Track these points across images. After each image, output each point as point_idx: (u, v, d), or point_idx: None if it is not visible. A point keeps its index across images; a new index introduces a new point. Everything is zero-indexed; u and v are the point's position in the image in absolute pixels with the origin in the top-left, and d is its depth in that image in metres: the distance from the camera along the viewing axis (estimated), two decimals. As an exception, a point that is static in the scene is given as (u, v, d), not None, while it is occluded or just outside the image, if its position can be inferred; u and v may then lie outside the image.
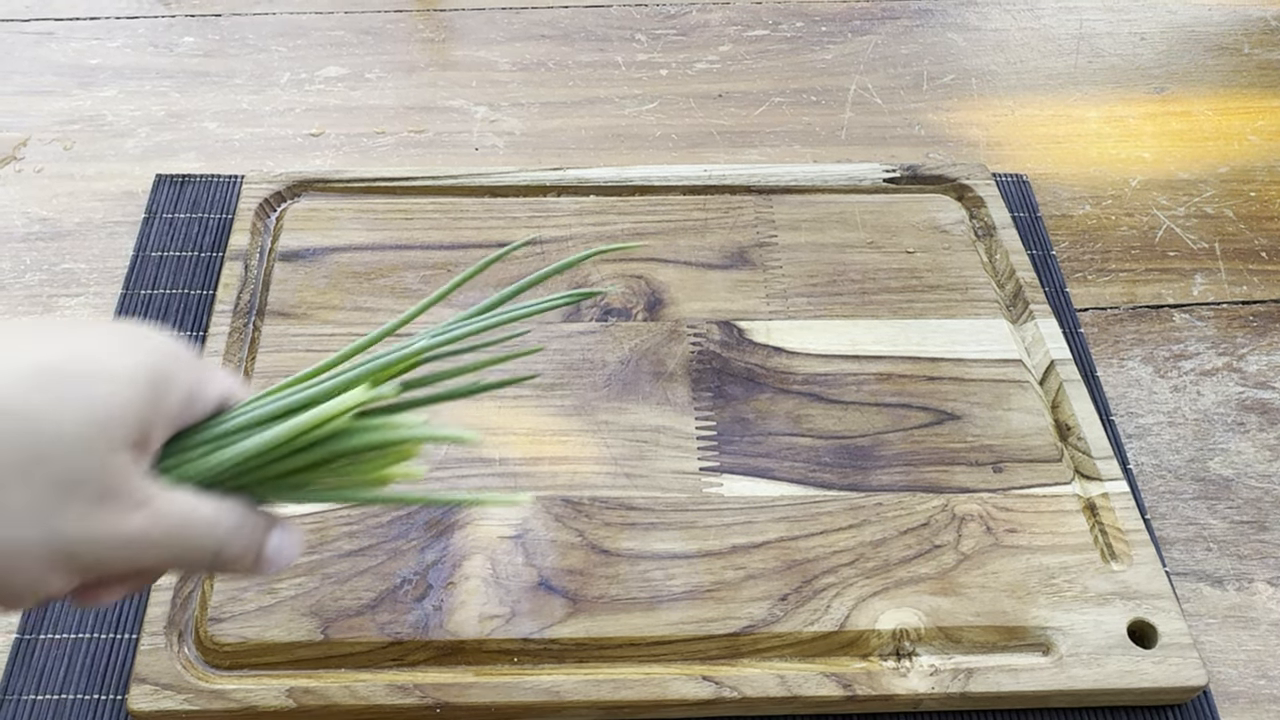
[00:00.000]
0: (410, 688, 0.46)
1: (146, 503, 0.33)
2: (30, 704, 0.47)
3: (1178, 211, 0.71)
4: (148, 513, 0.33)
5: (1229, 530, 0.55)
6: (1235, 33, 0.85)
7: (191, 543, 0.34)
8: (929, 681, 0.47)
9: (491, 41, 0.83)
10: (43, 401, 0.31)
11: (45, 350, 0.32)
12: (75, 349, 0.32)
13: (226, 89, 0.77)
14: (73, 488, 0.31)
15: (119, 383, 0.32)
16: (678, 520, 0.51)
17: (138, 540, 0.33)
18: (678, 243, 0.64)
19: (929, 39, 0.84)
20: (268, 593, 0.48)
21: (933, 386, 0.57)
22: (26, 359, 0.31)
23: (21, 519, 0.31)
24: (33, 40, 0.80)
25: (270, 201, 0.64)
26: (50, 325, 0.34)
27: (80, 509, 0.31)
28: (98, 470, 0.31)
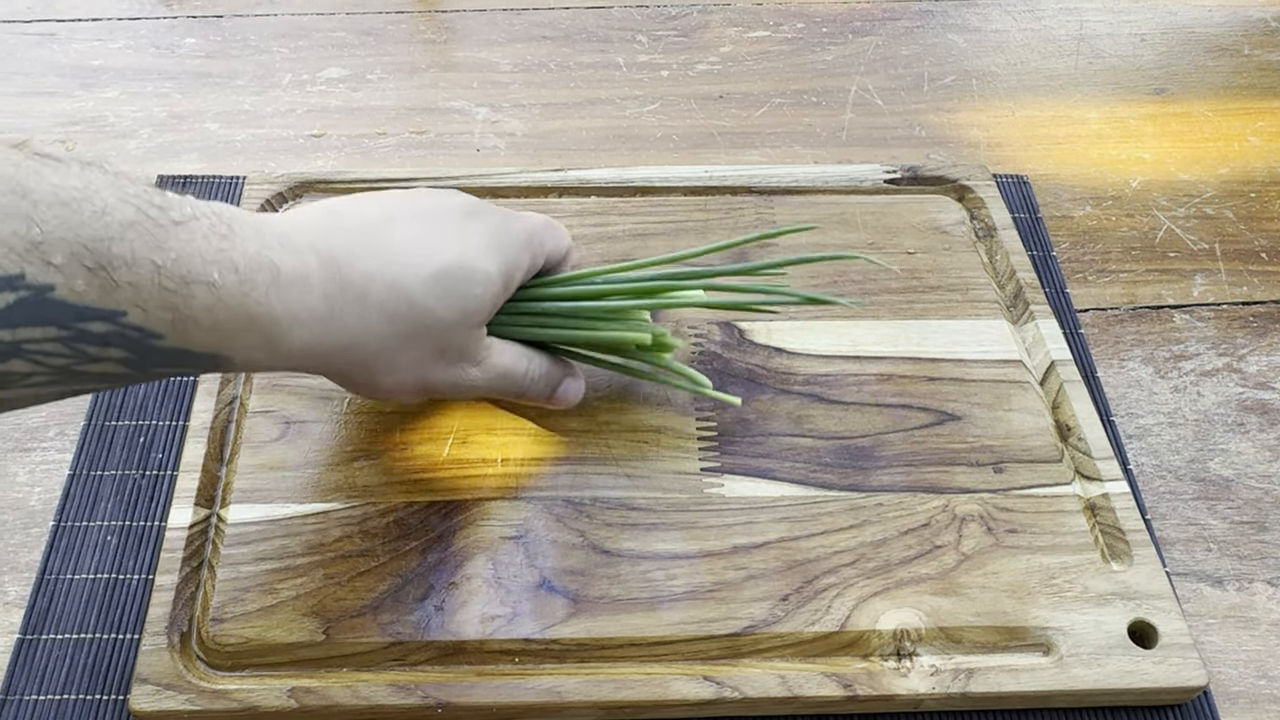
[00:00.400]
0: (412, 688, 0.46)
1: (483, 361, 0.48)
2: (32, 704, 0.47)
3: (1178, 212, 0.71)
4: (484, 368, 0.49)
5: (1229, 531, 0.55)
6: (1235, 34, 0.86)
7: (507, 386, 0.50)
8: (930, 682, 0.47)
9: (493, 43, 0.83)
10: (433, 296, 0.45)
11: (441, 257, 0.45)
12: (460, 257, 0.46)
13: (228, 90, 0.77)
14: (441, 353, 0.47)
15: (483, 284, 0.46)
16: (679, 521, 0.51)
17: (473, 384, 0.49)
18: (679, 243, 0.64)
19: (929, 40, 0.84)
20: (269, 593, 0.48)
21: (933, 387, 0.57)
22: (429, 265, 0.45)
23: (408, 369, 0.46)
24: (35, 41, 0.80)
25: (272, 202, 0.64)
26: (450, 231, 0.46)
27: (442, 365, 0.47)
28: (459, 343, 0.47)
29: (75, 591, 0.50)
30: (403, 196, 0.48)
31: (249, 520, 0.50)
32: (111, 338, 0.36)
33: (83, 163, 0.35)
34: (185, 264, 0.36)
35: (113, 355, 0.36)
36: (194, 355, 0.39)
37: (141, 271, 0.35)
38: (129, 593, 0.50)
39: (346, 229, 0.44)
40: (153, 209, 0.36)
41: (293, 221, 0.43)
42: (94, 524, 0.52)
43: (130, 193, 0.36)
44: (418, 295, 0.44)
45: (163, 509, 0.53)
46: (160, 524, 0.52)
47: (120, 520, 0.52)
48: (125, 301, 0.35)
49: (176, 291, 0.36)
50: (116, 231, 0.34)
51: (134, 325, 0.36)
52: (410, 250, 0.45)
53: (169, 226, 0.36)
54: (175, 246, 0.36)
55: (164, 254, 0.36)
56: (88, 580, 0.51)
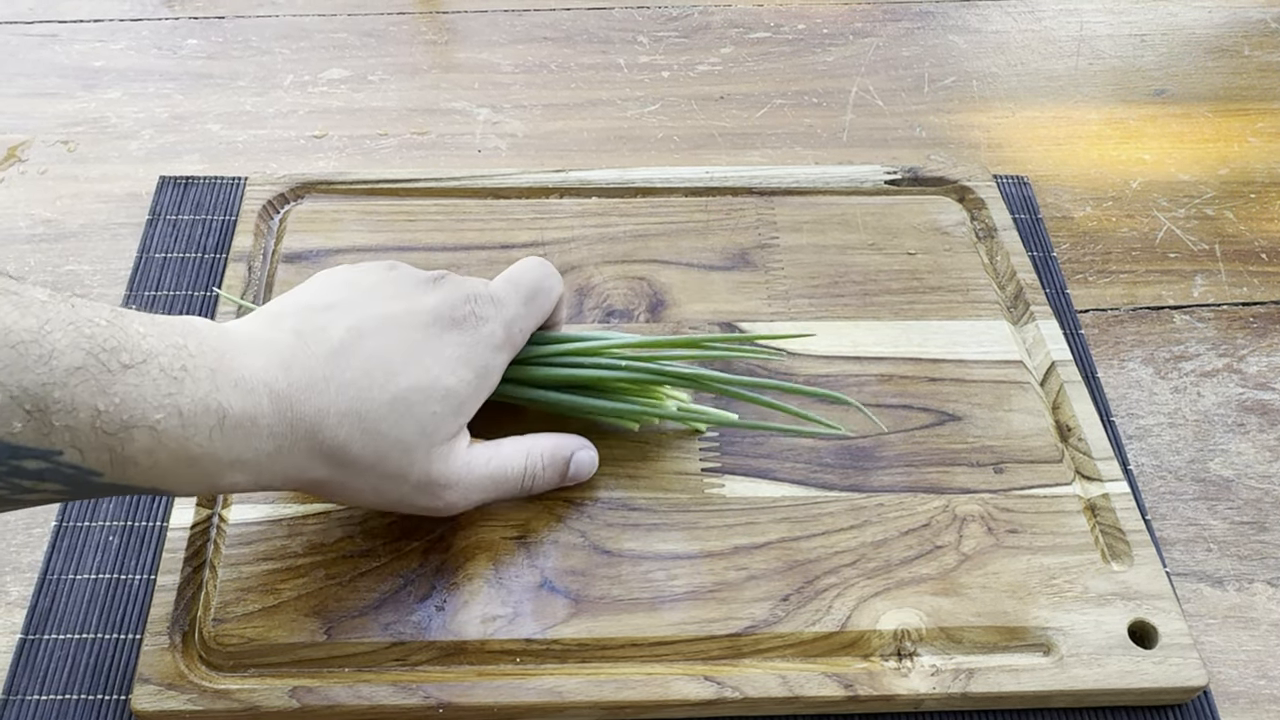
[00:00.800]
0: (413, 688, 0.46)
1: (458, 483, 0.46)
2: (34, 704, 0.47)
3: (1178, 213, 0.71)
4: (458, 492, 0.46)
5: (1229, 531, 0.55)
6: (1235, 35, 0.86)
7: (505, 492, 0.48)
8: (930, 682, 0.47)
9: (494, 44, 0.83)
10: (386, 419, 0.43)
11: (401, 380, 0.43)
12: (417, 379, 0.44)
13: (230, 91, 0.77)
14: (399, 478, 0.44)
15: (442, 400, 0.44)
16: (680, 521, 0.51)
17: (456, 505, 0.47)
18: (680, 244, 0.64)
19: (930, 41, 0.84)
20: (271, 593, 0.48)
21: (934, 388, 0.57)
22: (388, 388, 0.43)
23: (365, 492, 0.45)
24: (37, 42, 0.80)
25: (274, 203, 0.65)
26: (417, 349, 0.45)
27: (405, 490, 0.45)
28: (421, 470, 0.44)
29: (77, 591, 0.50)
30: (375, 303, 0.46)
31: (250, 520, 0.51)
32: (47, 474, 0.36)
33: (49, 293, 0.36)
34: (128, 409, 0.36)
35: (49, 488, 0.37)
36: (132, 489, 0.39)
37: (81, 416, 0.35)
38: (131, 593, 0.50)
39: (309, 358, 0.42)
40: (104, 353, 0.36)
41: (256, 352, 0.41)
42: (96, 524, 0.52)
43: (85, 334, 0.36)
44: (370, 422, 0.43)
45: (164, 509, 0.53)
46: (162, 524, 0.52)
47: (122, 520, 0.53)
48: (61, 443, 0.35)
49: (115, 435, 0.36)
50: (60, 377, 0.35)
51: (70, 464, 0.36)
52: (369, 374, 0.43)
53: (117, 371, 0.36)
54: (120, 391, 0.36)
55: (107, 399, 0.36)
56: (90, 580, 0.51)
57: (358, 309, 0.45)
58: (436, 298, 0.46)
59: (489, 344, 0.47)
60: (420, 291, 0.47)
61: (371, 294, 0.46)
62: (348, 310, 0.45)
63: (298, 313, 0.45)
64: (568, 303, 0.60)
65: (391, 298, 0.46)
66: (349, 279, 0.47)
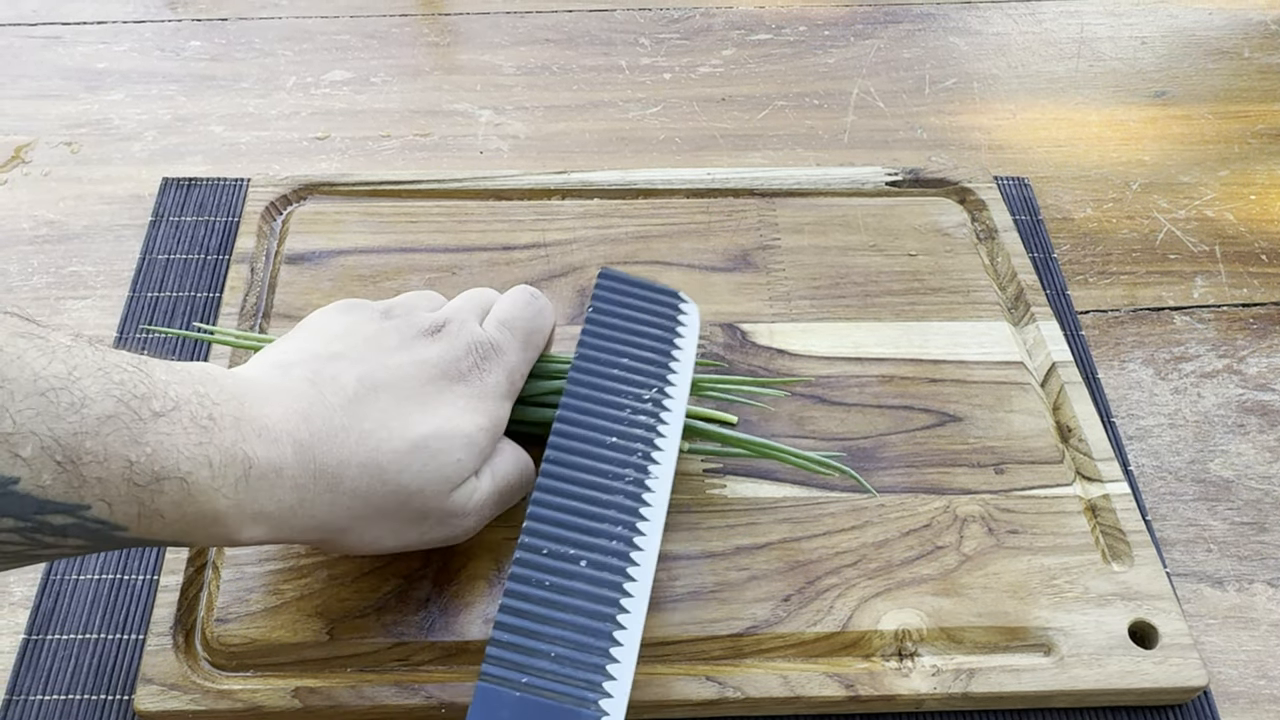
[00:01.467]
0: (415, 688, 0.46)
1: (474, 511, 0.46)
2: (37, 704, 0.47)
3: (1178, 214, 0.71)
4: (475, 518, 0.46)
5: (1229, 531, 0.55)
6: (1235, 37, 0.86)
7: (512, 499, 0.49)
8: (931, 682, 0.47)
9: (496, 45, 0.83)
10: (409, 470, 0.42)
11: (419, 428, 0.43)
12: (440, 426, 0.44)
13: (233, 93, 0.77)
14: (420, 520, 0.44)
15: (465, 448, 0.44)
16: (681, 522, 0.51)
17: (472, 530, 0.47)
18: (681, 245, 0.64)
19: (931, 43, 0.85)
20: (273, 593, 0.48)
21: (935, 388, 0.57)
22: (406, 437, 0.43)
23: (385, 537, 0.44)
24: (40, 44, 0.81)
25: (276, 205, 0.65)
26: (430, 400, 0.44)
27: (427, 526, 0.45)
28: (438, 508, 0.44)
29: (80, 592, 0.50)
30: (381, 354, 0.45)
31: (253, 521, 0.51)
32: (71, 530, 0.35)
33: (72, 337, 0.35)
34: (159, 460, 0.35)
35: (69, 544, 0.35)
36: (149, 542, 0.38)
37: (113, 468, 0.34)
38: (134, 593, 0.50)
39: (326, 409, 0.41)
40: (134, 400, 0.35)
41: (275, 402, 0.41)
42: (99, 525, 0.52)
43: (115, 380, 0.35)
44: (391, 472, 0.42)
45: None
46: (165, 525, 0.52)
47: (125, 521, 0.53)
48: (91, 496, 0.34)
49: (146, 487, 0.35)
50: (92, 426, 0.34)
51: (97, 519, 0.35)
52: (387, 424, 0.42)
53: (149, 419, 0.35)
54: (152, 441, 0.35)
55: (139, 449, 0.35)
56: (93, 581, 0.51)
57: (366, 360, 0.44)
58: (439, 349, 0.46)
59: (495, 394, 0.46)
60: (422, 343, 0.46)
61: (374, 344, 0.45)
62: (356, 361, 0.44)
63: (306, 362, 0.44)
64: (570, 303, 0.60)
65: (396, 349, 0.45)
66: (347, 326, 0.46)
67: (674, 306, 0.53)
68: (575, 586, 0.42)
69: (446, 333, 0.47)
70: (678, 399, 0.49)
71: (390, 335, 0.46)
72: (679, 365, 0.51)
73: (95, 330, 0.61)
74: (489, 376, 0.46)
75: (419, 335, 0.46)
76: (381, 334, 0.46)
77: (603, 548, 0.43)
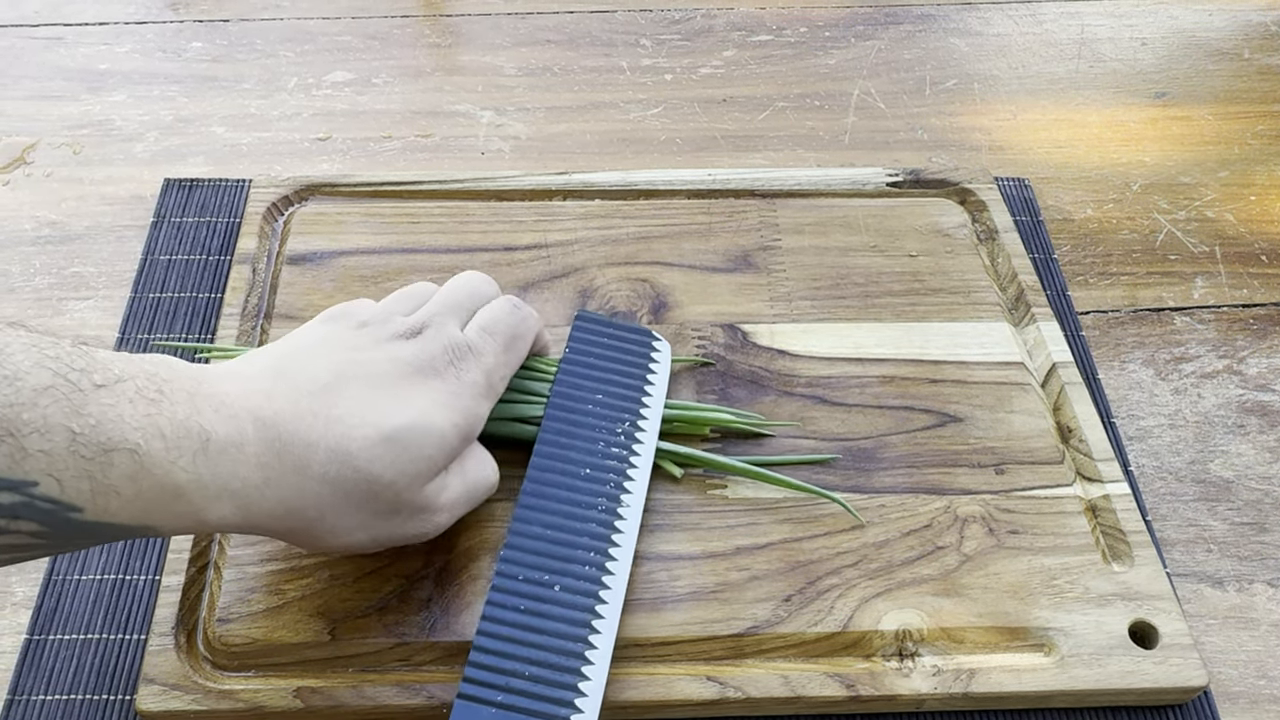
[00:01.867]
0: (417, 688, 0.46)
1: (444, 507, 0.46)
2: (40, 704, 0.47)
3: (1178, 215, 0.71)
4: (446, 514, 0.46)
5: (1229, 532, 0.55)
6: (1235, 38, 0.86)
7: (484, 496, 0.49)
8: (932, 682, 0.47)
9: (497, 46, 0.83)
10: (380, 461, 0.42)
11: (392, 420, 0.43)
12: (413, 419, 0.43)
13: (234, 94, 0.77)
14: (394, 512, 0.44)
15: (438, 445, 0.44)
16: (682, 522, 0.52)
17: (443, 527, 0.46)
18: (682, 246, 0.64)
19: (931, 44, 0.85)
20: (275, 594, 0.48)
21: (935, 389, 0.57)
22: (378, 429, 0.42)
23: (355, 530, 0.43)
24: (42, 45, 0.81)
25: (278, 205, 0.65)
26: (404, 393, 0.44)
27: (398, 522, 0.44)
28: (409, 502, 0.44)
29: (82, 592, 0.50)
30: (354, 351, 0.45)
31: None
32: (20, 509, 0.34)
33: (6, 323, 0.35)
34: (105, 430, 0.35)
35: (23, 529, 0.34)
36: (115, 528, 0.37)
37: (56, 439, 0.34)
38: (136, 593, 0.50)
39: (293, 391, 0.42)
40: (73, 373, 0.35)
41: (234, 380, 0.41)
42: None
43: (49, 355, 0.35)
44: (363, 461, 0.42)
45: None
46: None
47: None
48: (37, 471, 0.34)
49: (94, 460, 0.35)
50: (28, 397, 0.33)
51: (46, 497, 0.34)
52: (359, 413, 0.42)
53: (90, 390, 0.35)
54: (95, 412, 0.35)
55: (82, 420, 0.34)
56: (95, 581, 0.51)
57: (337, 354, 0.45)
58: (415, 348, 0.46)
59: (472, 393, 0.46)
60: (398, 344, 0.46)
61: (348, 344, 0.46)
62: (328, 354, 0.44)
63: (274, 358, 0.44)
64: (571, 303, 0.60)
65: (370, 347, 0.46)
66: (322, 334, 0.46)
67: (647, 345, 0.56)
68: (549, 609, 0.45)
69: (423, 335, 0.47)
70: (649, 431, 0.53)
71: (364, 338, 0.46)
72: (651, 400, 0.54)
73: (97, 331, 0.61)
74: (466, 375, 0.46)
75: (396, 336, 0.47)
76: (356, 337, 0.46)
77: (576, 572, 0.47)
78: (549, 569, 0.46)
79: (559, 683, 0.43)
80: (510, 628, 0.44)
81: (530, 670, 0.43)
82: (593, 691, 0.43)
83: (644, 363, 0.55)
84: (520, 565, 0.46)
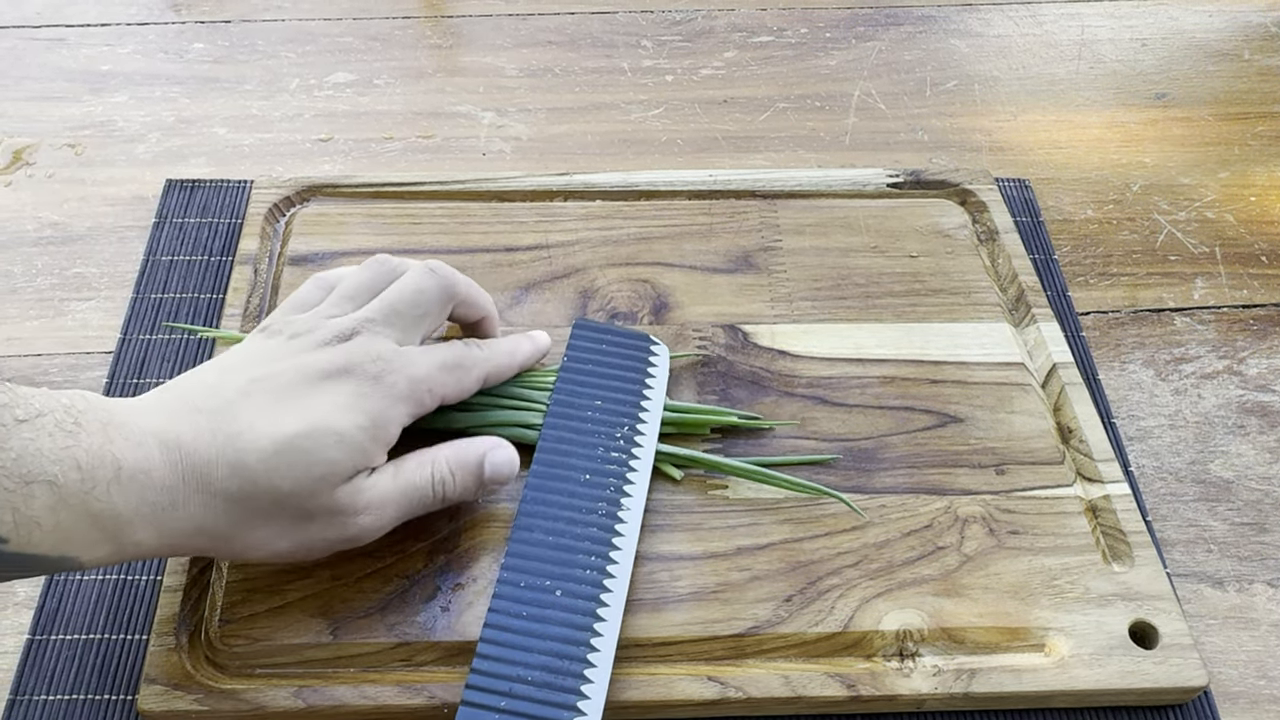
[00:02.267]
0: (418, 688, 0.46)
1: (368, 508, 0.45)
2: (41, 704, 0.47)
3: (1178, 216, 0.71)
4: (373, 512, 0.45)
5: (1229, 532, 0.55)
6: (1235, 39, 0.86)
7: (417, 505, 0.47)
8: (932, 682, 0.47)
9: (498, 47, 0.83)
10: (277, 471, 0.42)
11: (284, 429, 0.42)
12: (307, 425, 0.43)
13: (236, 95, 0.78)
14: (305, 519, 0.44)
15: (337, 446, 0.43)
16: (683, 522, 0.52)
17: (367, 529, 0.45)
18: (683, 247, 0.64)
19: (932, 45, 0.85)
20: (276, 594, 0.48)
21: (936, 389, 0.58)
22: (273, 436, 0.42)
23: (274, 540, 0.44)
24: (44, 46, 0.81)
25: (279, 206, 0.65)
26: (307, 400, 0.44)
27: (317, 528, 0.44)
28: (322, 507, 0.43)
29: (84, 593, 0.50)
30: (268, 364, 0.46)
31: (257, 521, 0.51)
32: None
33: None
34: (26, 463, 0.36)
35: None
36: (39, 560, 0.38)
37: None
38: (138, 594, 0.51)
39: (195, 413, 0.43)
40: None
41: (143, 408, 0.42)
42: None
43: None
44: (259, 473, 0.42)
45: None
46: (169, 525, 0.53)
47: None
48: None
49: (16, 491, 0.36)
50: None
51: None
52: (255, 425, 0.43)
53: (10, 425, 0.37)
54: (16, 445, 0.36)
55: (4, 453, 0.36)
56: (96, 581, 0.51)
57: (249, 370, 0.45)
58: (332, 353, 0.46)
59: (388, 393, 0.46)
60: (317, 353, 0.46)
61: (268, 358, 0.46)
62: (239, 373, 0.45)
63: (184, 381, 0.45)
64: (572, 304, 0.60)
65: (285, 357, 0.46)
66: (245, 351, 0.47)
67: (645, 349, 0.57)
68: (551, 614, 0.46)
69: (355, 341, 0.47)
70: (649, 434, 0.53)
71: (285, 349, 0.46)
72: (650, 403, 0.54)
73: (99, 331, 0.61)
74: (386, 377, 0.46)
75: (318, 346, 0.46)
76: (278, 348, 0.47)
77: (577, 577, 0.47)
78: (550, 574, 0.47)
79: (562, 687, 0.43)
80: (513, 634, 0.45)
81: (533, 675, 0.44)
82: (595, 694, 0.44)
83: (642, 366, 0.56)
84: (521, 572, 0.47)
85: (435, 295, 0.50)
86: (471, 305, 0.53)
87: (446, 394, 0.49)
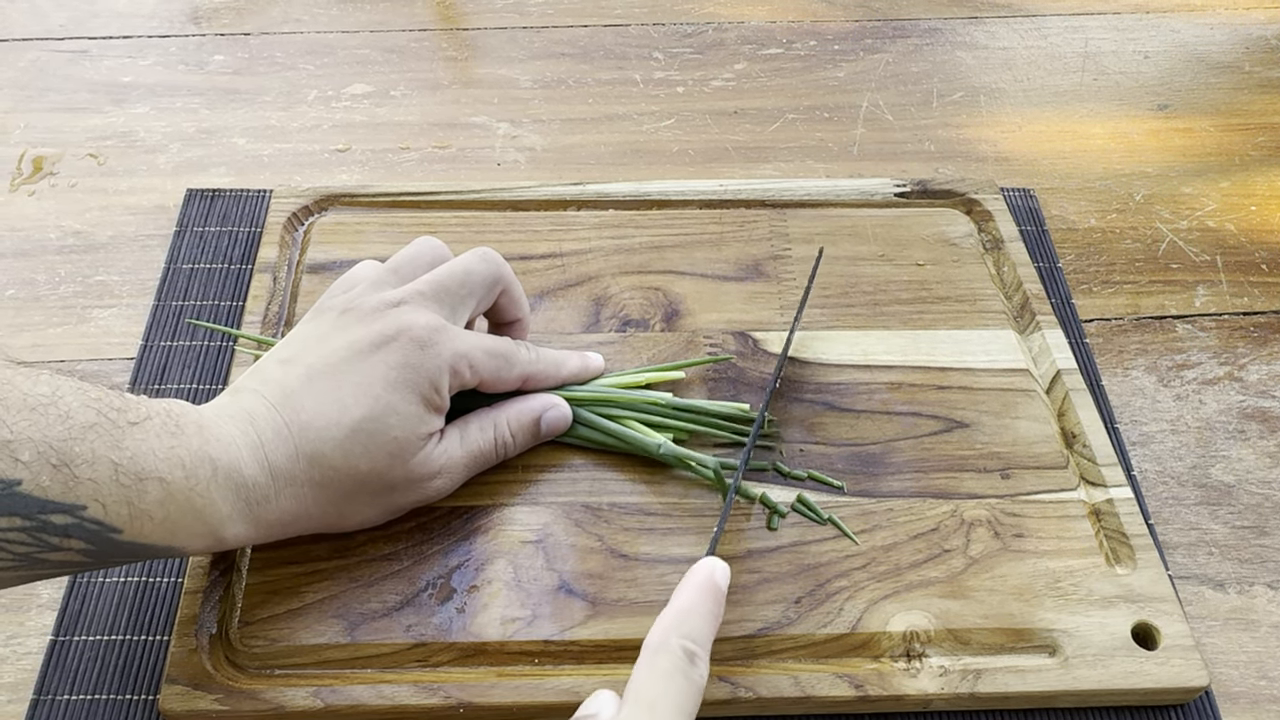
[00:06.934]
0: (434, 688, 0.46)
1: (441, 471, 0.49)
2: (64, 704, 0.48)
3: (1180, 225, 0.72)
4: (446, 474, 0.50)
5: (1230, 535, 0.56)
6: (1237, 51, 0.86)
7: (484, 464, 0.52)
8: (938, 682, 0.48)
9: (513, 60, 0.84)
10: (353, 455, 0.46)
11: (352, 413, 0.46)
12: (369, 408, 0.46)
13: (256, 106, 0.78)
14: (389, 490, 0.48)
15: (400, 423, 0.46)
16: (694, 525, 0.52)
17: (446, 489, 0.51)
18: (694, 255, 0.65)
19: (939, 57, 0.85)
20: (295, 596, 0.49)
21: (942, 395, 0.58)
22: (339, 425, 0.45)
23: (364, 510, 0.48)
24: (67, 59, 0.82)
25: (298, 215, 0.66)
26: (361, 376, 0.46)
27: (400, 494, 0.49)
28: (400, 478, 0.48)
29: (106, 594, 0.51)
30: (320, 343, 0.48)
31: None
32: (72, 529, 0.39)
33: (53, 371, 0.40)
34: (140, 462, 0.40)
35: (73, 546, 0.39)
36: (149, 548, 0.42)
37: (101, 469, 0.39)
38: (159, 595, 0.51)
39: (269, 408, 0.45)
40: (112, 411, 0.40)
41: (225, 411, 0.45)
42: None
43: (92, 397, 0.40)
44: (338, 460, 0.45)
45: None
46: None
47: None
48: (85, 496, 0.38)
49: (131, 487, 0.40)
50: (78, 433, 0.38)
51: (93, 519, 0.39)
52: (323, 412, 0.45)
53: (125, 427, 0.40)
54: (131, 445, 0.40)
55: (121, 452, 0.39)
56: (119, 583, 0.52)
57: (305, 357, 0.47)
58: (382, 323, 0.48)
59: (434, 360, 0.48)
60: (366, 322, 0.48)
61: (318, 339, 0.48)
62: (297, 363, 0.47)
63: (255, 376, 0.47)
64: (585, 311, 0.61)
65: (335, 333, 0.48)
66: (305, 332, 0.49)
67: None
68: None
69: (397, 310, 0.49)
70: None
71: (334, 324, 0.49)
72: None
73: (121, 338, 0.62)
74: (432, 347, 0.48)
75: (365, 316, 0.48)
76: (328, 327, 0.49)
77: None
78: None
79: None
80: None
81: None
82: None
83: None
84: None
85: (483, 279, 0.52)
86: (513, 301, 0.55)
87: (485, 377, 0.51)
